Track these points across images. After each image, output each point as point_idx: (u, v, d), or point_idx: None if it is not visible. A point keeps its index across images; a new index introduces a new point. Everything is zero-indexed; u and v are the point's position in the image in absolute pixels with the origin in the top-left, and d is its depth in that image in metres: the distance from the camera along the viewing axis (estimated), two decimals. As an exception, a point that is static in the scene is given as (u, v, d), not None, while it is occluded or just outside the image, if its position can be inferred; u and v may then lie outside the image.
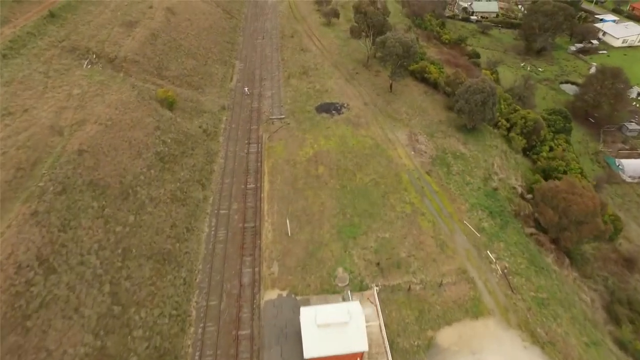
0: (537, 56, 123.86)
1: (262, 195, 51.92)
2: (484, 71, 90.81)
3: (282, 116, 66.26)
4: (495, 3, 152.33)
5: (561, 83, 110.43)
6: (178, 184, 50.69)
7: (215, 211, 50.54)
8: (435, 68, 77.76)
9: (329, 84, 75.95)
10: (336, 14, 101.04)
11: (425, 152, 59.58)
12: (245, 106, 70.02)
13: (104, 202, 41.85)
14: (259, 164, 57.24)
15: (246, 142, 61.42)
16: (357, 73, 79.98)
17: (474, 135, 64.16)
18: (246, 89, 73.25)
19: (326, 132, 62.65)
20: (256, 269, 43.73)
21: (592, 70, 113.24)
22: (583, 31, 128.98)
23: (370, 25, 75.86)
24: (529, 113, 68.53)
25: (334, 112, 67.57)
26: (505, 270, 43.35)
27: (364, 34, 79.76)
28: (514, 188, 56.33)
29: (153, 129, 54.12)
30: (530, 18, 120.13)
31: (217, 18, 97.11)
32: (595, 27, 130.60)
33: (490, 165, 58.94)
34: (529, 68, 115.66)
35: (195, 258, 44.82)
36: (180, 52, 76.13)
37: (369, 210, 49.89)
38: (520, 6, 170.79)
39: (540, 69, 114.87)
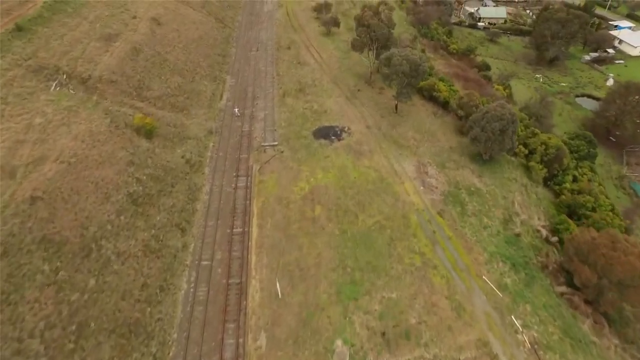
0: (549, 66, 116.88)
1: (249, 243, 45.12)
2: (496, 87, 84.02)
3: (275, 143, 59.44)
4: (504, 9, 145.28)
5: (577, 96, 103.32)
6: (153, 231, 43.88)
7: (196, 262, 43.74)
8: (444, 86, 70.88)
9: (328, 103, 69.10)
10: (336, 23, 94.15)
11: (436, 188, 52.74)
12: (234, 130, 63.21)
13: (58, 264, 35.12)
14: (248, 202, 50.42)
15: (234, 174, 54.60)
16: (358, 90, 73.15)
17: (490, 166, 57.32)
18: (236, 109, 66.43)
19: (324, 163, 55.82)
20: (240, 340, 36.97)
21: (610, 82, 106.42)
22: (598, 39, 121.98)
23: (374, 39, 68.96)
24: (549, 138, 61.62)
25: (333, 137, 60.73)
26: (535, 346, 36.54)
27: (366, 47, 72.80)
28: (538, 231, 49.47)
29: (126, 164, 47.32)
30: (542, 26, 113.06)
31: (209, 28, 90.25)
32: (610, 34, 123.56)
33: (510, 203, 52.07)
34: (541, 79, 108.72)
35: (169, 325, 38.03)
36: (164, 68, 69.28)
37: (372, 263, 43.08)
38: (528, 11, 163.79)
39: (563, 83, 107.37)
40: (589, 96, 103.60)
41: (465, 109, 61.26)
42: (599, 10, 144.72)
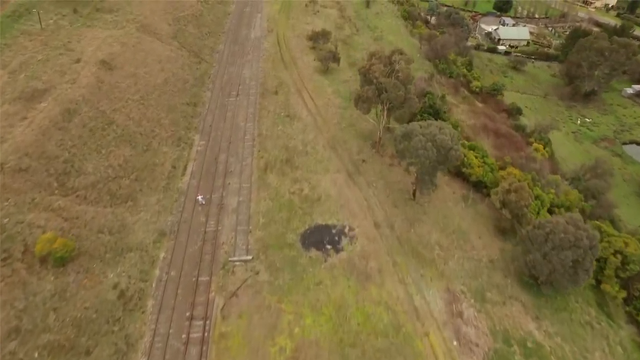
0: (584, 101, 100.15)
1: None
2: (534, 145, 67.22)
3: (249, 257, 42.90)
4: (526, 29, 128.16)
5: (624, 144, 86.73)
6: None
7: None
8: (477, 158, 54.14)
9: (324, 183, 52.48)
10: (336, 59, 77.34)
11: (477, 344, 36.21)
12: (196, 229, 46.57)
13: None
14: (201, 374, 33.95)
15: (188, 315, 38.03)
16: (363, 161, 56.56)
17: (549, 299, 40.78)
18: (200, 197, 49.76)
19: (315, 295, 39.28)
20: None
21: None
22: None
23: (385, 100, 52.27)
24: (627, 244, 45.12)
25: (329, 246, 44.17)
26: None
27: (374, 105, 56.15)
28: None
29: (4, 336, 30.77)
30: (577, 56, 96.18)
31: (178, 66, 73.42)
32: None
33: (589, 375, 35.66)
34: (579, 121, 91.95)
35: None
36: (108, 135, 52.60)
37: None
38: (551, 29, 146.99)
39: (601, 126, 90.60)
40: (639, 143, 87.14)
41: (511, 208, 44.58)
42: (637, 31, 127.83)
